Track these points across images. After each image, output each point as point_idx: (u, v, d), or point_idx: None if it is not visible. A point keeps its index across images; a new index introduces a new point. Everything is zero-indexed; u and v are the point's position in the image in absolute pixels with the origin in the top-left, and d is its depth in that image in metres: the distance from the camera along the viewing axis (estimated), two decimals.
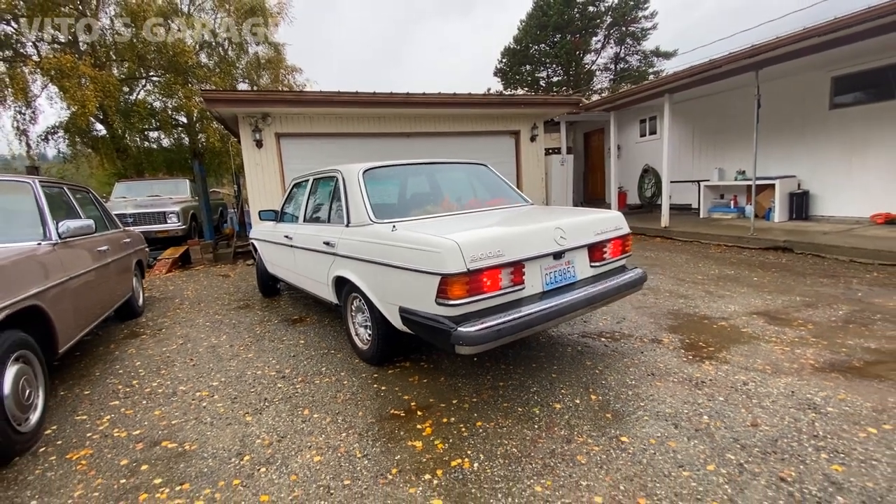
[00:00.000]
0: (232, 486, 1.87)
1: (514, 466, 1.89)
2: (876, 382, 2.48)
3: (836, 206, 7.67)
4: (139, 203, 9.21)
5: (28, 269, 2.49)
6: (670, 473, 1.79)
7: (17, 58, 14.46)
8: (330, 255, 3.24)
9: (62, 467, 2.08)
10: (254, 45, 17.78)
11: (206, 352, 3.58)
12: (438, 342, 2.29)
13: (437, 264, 2.20)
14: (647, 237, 8.42)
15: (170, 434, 2.32)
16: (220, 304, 5.19)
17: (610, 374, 2.73)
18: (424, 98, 8.11)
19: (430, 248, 2.28)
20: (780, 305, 3.94)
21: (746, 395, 2.38)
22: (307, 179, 4.06)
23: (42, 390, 2.44)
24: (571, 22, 30.06)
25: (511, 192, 3.80)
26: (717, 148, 9.70)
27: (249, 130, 7.70)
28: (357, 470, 1.93)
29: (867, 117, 7.10)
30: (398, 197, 3.58)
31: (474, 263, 2.19)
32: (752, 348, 3.04)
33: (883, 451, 1.87)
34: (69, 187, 3.78)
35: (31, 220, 2.93)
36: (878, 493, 1.63)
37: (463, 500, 1.71)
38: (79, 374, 3.23)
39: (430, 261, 2.25)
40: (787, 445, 1.93)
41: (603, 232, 2.89)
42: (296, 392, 2.74)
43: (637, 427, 2.14)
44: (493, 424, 2.23)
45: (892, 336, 3.12)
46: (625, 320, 3.77)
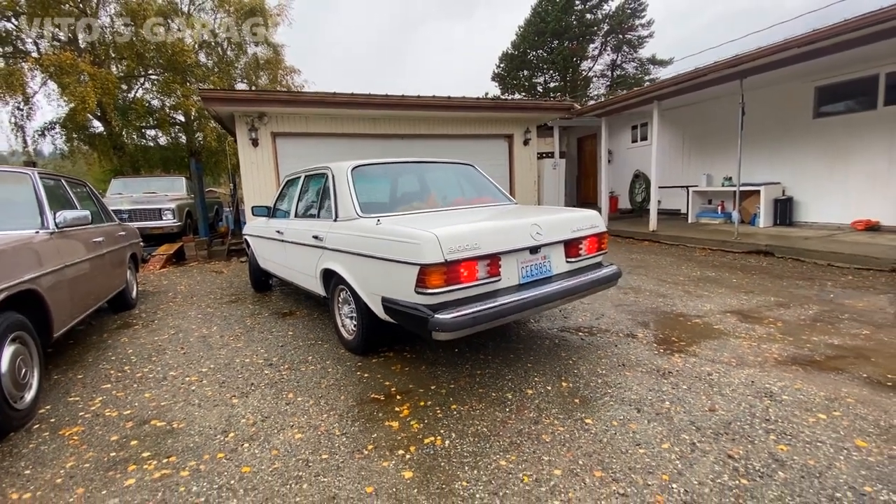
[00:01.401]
0: (216, 459, 1.98)
1: (483, 444, 2.01)
2: (833, 374, 2.62)
3: (819, 213, 7.85)
4: (135, 199, 9.29)
5: (26, 255, 2.60)
6: (627, 451, 1.92)
7: (17, 54, 14.55)
8: (318, 249, 3.36)
9: (55, 442, 2.18)
10: (253, 46, 17.94)
11: (196, 341, 3.68)
12: (417, 329, 2.41)
13: (416, 255, 2.33)
14: (635, 241, 8.58)
15: (159, 414, 2.43)
16: (212, 298, 5.29)
17: (583, 364, 2.86)
18: (419, 101, 8.26)
19: (410, 240, 2.41)
20: (754, 305, 4.08)
21: (709, 385, 2.52)
22: (299, 176, 4.18)
23: (37, 371, 2.54)
24: (569, 28, 30.36)
25: (496, 191, 3.94)
26: (706, 154, 9.90)
27: (246, 129, 7.82)
28: (335, 446, 2.05)
29: (849, 126, 7.29)
30: (386, 194, 3.70)
31: (452, 255, 2.32)
32: (721, 343, 3.17)
33: (829, 435, 2.00)
34: (67, 180, 3.89)
35: (29, 210, 3.04)
36: (817, 470, 1.76)
37: (432, 472, 1.83)
38: (73, 360, 3.33)
39: (410, 252, 2.37)
40: (740, 428, 2.07)
41: (579, 229, 3.02)
42: (281, 378, 2.85)
43: (602, 411, 2.26)
44: (468, 407, 2.35)
45: (856, 334, 3.27)
46: (603, 317, 3.90)
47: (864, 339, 3.15)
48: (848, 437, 1.97)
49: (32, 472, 1.95)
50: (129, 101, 16.13)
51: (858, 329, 3.36)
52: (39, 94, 15.29)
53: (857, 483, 1.67)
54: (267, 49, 18.12)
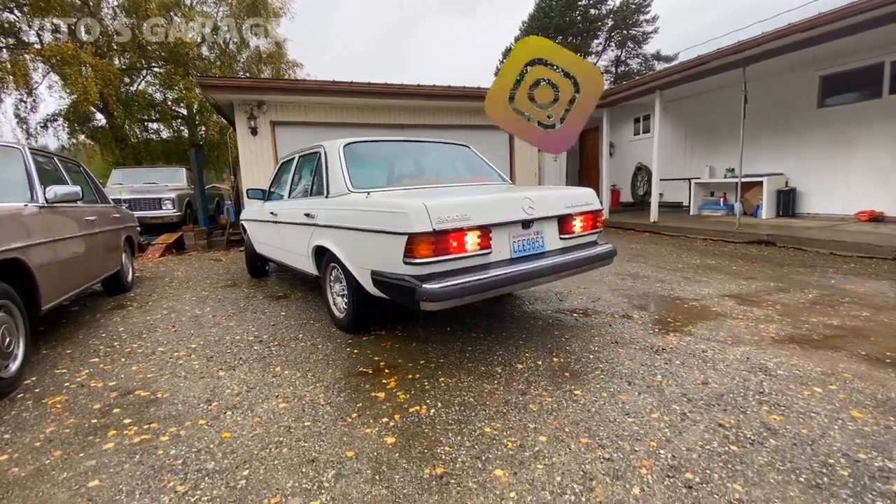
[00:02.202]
0: (197, 426, 1.95)
1: (469, 412, 1.97)
2: (831, 352, 2.56)
3: (823, 204, 7.75)
4: (135, 189, 9.27)
5: (12, 225, 2.57)
6: (615, 420, 1.87)
7: (20, 45, 14.57)
8: (310, 227, 3.32)
9: (38, 409, 2.16)
10: (255, 40, 17.89)
11: (188, 321, 3.66)
12: (406, 300, 2.37)
13: (404, 224, 2.29)
14: (636, 232, 8.51)
15: (144, 385, 2.40)
16: (208, 283, 5.27)
17: (575, 341, 2.82)
18: (419, 90, 8.21)
19: (399, 210, 2.37)
20: (753, 290, 4.02)
21: (703, 360, 2.47)
22: (293, 157, 4.14)
23: (23, 341, 2.52)
24: (573, 24, 30.18)
25: (491, 171, 3.89)
26: (709, 146, 9.80)
27: (245, 118, 7.79)
28: (318, 415, 2.01)
29: (853, 116, 7.19)
30: (379, 171, 3.66)
31: (440, 225, 2.28)
32: (717, 324, 3.12)
33: (824, 406, 1.95)
34: (60, 159, 3.86)
35: (19, 184, 3.01)
36: (810, 439, 1.71)
37: (415, 438, 1.79)
38: (63, 337, 3.31)
39: (399, 221, 2.33)
40: (732, 399, 2.02)
41: (573, 206, 2.97)
42: (270, 353, 2.82)
43: (592, 383, 2.22)
44: (455, 380, 2.31)
45: (856, 315, 3.21)
46: (600, 300, 3.85)
47: (864, 321, 3.09)
48: (843, 409, 1.91)
49: (11, 436, 1.92)
50: (132, 94, 16.13)
51: (858, 311, 3.29)
52: (42, 85, 15.33)
53: (851, 450, 1.62)
54: (269, 43, 18.07)
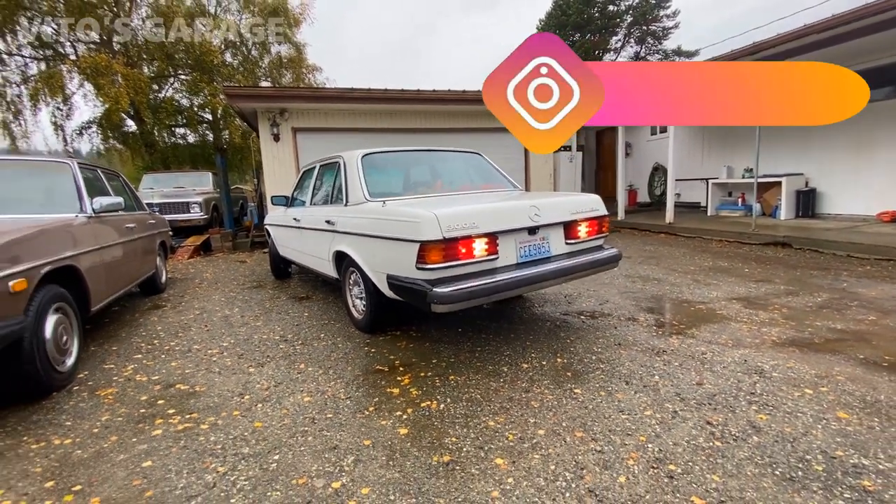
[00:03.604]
0: (232, 416, 2.18)
1: (475, 407, 2.15)
2: (829, 356, 2.65)
3: (844, 204, 7.64)
4: (165, 193, 9.74)
5: (66, 235, 2.87)
6: (610, 416, 2.03)
7: (57, 57, 15.34)
8: (331, 233, 3.55)
9: (92, 400, 2.43)
10: (276, 45, 18.37)
11: (219, 321, 3.93)
12: (418, 302, 2.55)
13: (416, 233, 2.48)
14: (651, 233, 8.52)
15: (183, 379, 2.66)
16: (235, 284, 5.57)
17: (580, 343, 2.96)
18: (434, 95, 8.39)
19: (411, 219, 2.57)
20: (762, 293, 4.08)
21: (701, 362, 2.59)
22: (314, 166, 4.38)
23: (76, 339, 2.81)
24: (591, 21, 29.91)
25: (502, 178, 4.04)
26: (726, 146, 9.72)
27: (268, 125, 8.12)
28: (339, 408, 2.22)
29: (875, 115, 7.05)
30: (395, 180, 3.85)
31: (450, 233, 2.46)
32: (721, 326, 3.22)
33: (811, 407, 2.06)
34: (103, 171, 4.19)
35: (70, 196, 3.32)
36: (792, 437, 1.83)
37: (425, 429, 1.98)
38: (108, 335, 3.62)
39: (412, 230, 2.52)
40: (723, 399, 2.15)
41: (579, 212, 3.11)
42: (295, 352, 3.06)
43: (592, 383, 2.37)
44: (464, 378, 2.50)
45: (861, 319, 3.26)
46: (608, 302, 3.97)
47: (869, 325, 3.14)
48: (830, 410, 2.02)
49: (73, 423, 2.19)
50: (160, 101, 16.79)
51: (864, 315, 3.34)
52: (77, 94, 16.09)
53: (829, 448, 1.74)
54: (290, 48, 18.53)
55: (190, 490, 1.64)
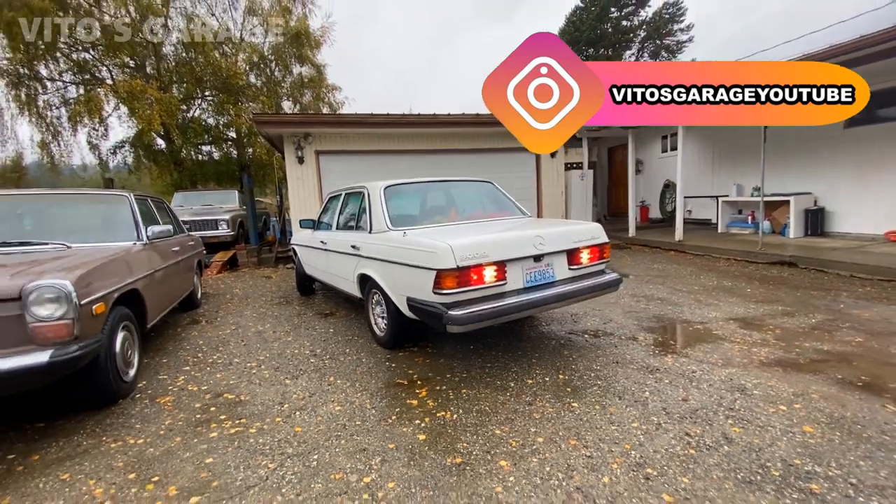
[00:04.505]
0: (275, 422, 2.54)
1: (484, 418, 2.47)
2: (810, 375, 2.89)
3: (852, 223, 7.76)
4: (195, 211, 10.33)
5: (129, 262, 3.30)
6: (601, 427, 2.32)
7: (94, 81, 16.35)
8: (356, 257, 3.92)
9: (154, 407, 2.83)
10: (297, 66, 19.20)
11: (253, 335, 4.33)
12: (435, 323, 2.89)
13: (433, 262, 2.82)
14: (661, 250, 8.73)
15: (229, 389, 3.04)
16: (264, 300, 6.00)
17: (581, 361, 3.26)
18: (449, 118, 8.82)
19: (429, 249, 2.92)
20: (759, 313, 4.31)
21: (689, 380, 2.86)
22: (340, 193, 4.79)
23: (137, 353, 3.23)
24: (604, 36, 30.25)
25: (511, 205, 4.37)
26: (736, 164, 9.90)
27: (293, 148, 8.63)
28: (366, 416, 2.57)
29: (881, 136, 7.23)
30: (413, 209, 4.23)
31: (463, 262, 2.79)
32: (714, 346, 3.48)
33: (782, 421, 2.33)
34: (152, 200, 4.67)
35: (128, 225, 3.78)
36: (758, 447, 2.11)
37: (440, 436, 2.31)
38: (157, 349, 4.04)
39: (429, 259, 2.87)
40: (704, 414, 2.42)
41: (580, 240, 3.41)
42: (324, 365, 3.42)
43: (589, 397, 2.67)
44: (475, 392, 2.82)
45: (849, 341, 3.48)
46: (611, 321, 4.25)
47: (854, 346, 3.36)
48: (798, 424, 2.29)
49: (141, 426, 2.58)
50: (188, 121, 17.67)
51: (852, 337, 3.56)
52: (112, 116, 17.06)
53: (789, 457, 2.01)
54: (310, 69, 19.33)
55: (248, 482, 2.00)
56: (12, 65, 14.65)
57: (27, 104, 15.47)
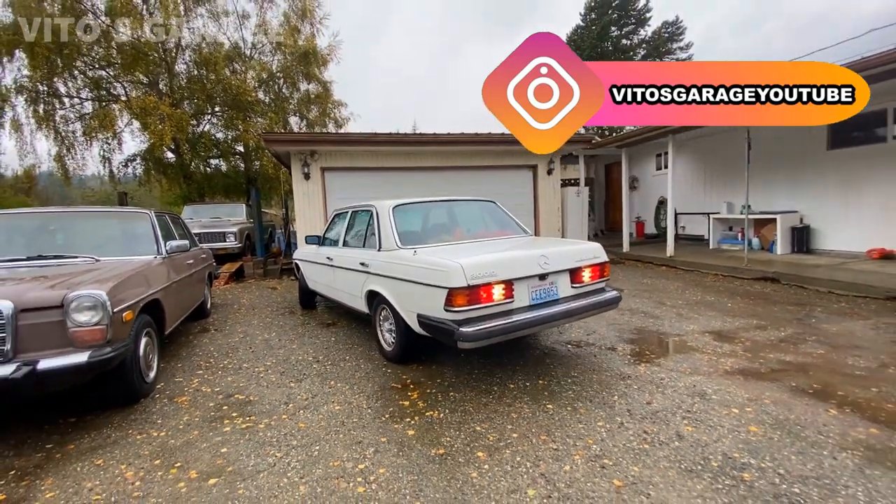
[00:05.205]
0: (281, 419, 2.85)
1: (467, 417, 2.77)
2: (767, 383, 3.18)
3: (837, 241, 8.05)
4: (204, 224, 10.73)
5: (151, 274, 3.65)
6: (570, 425, 2.62)
7: (109, 97, 16.97)
8: (364, 274, 4.01)
9: (172, 405, 3.14)
10: (305, 84, 19.82)
11: (260, 343, 4.65)
12: (446, 339, 2.98)
13: (445, 280, 2.94)
14: (653, 265, 9.03)
15: (239, 391, 3.36)
16: (270, 310, 6.33)
17: (561, 369, 3.56)
18: (449, 137, 9.23)
19: (440, 269, 3.03)
20: (734, 327, 4.59)
21: (656, 386, 3.15)
22: (347, 211, 4.99)
23: (156, 357, 3.55)
24: (605, 55, 30.88)
25: (513, 224, 4.56)
26: (726, 183, 10.22)
27: (300, 165, 9.04)
28: (363, 415, 2.87)
29: (861, 158, 7.56)
30: (420, 227, 4.33)
31: (474, 280, 2.90)
32: (686, 357, 3.77)
33: (731, 422, 2.61)
34: (169, 216, 5.05)
35: (149, 240, 4.13)
36: (705, 443, 2.39)
37: (428, 431, 2.61)
38: (172, 354, 4.36)
39: (441, 278, 2.98)
40: (663, 415, 2.71)
41: (582, 260, 3.54)
42: (326, 371, 3.73)
43: (563, 400, 2.96)
44: (462, 394, 3.12)
45: (810, 353, 3.76)
46: (594, 333, 4.54)
47: (815, 358, 3.65)
48: (745, 425, 2.57)
49: (162, 421, 2.90)
50: (198, 135, 18.24)
51: (815, 349, 3.84)
52: (125, 131, 17.66)
53: (730, 451, 2.30)
54: (317, 86, 19.94)
55: (258, 467, 2.31)
56: (32, 82, 15.27)
57: (45, 119, 16.06)
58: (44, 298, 2.63)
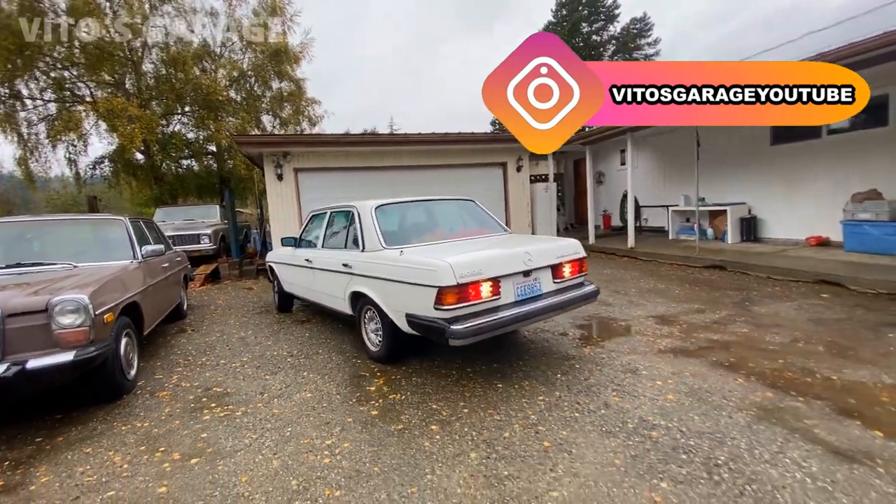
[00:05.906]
0: (257, 407, 3.13)
1: (426, 397, 3.11)
2: (692, 359, 3.61)
3: (781, 230, 8.69)
4: (177, 226, 10.73)
5: (129, 278, 3.85)
6: (514, 400, 2.98)
7: (73, 98, 16.58)
8: (347, 275, 3.98)
9: (154, 400, 3.38)
10: (277, 82, 19.71)
11: (237, 341, 4.89)
12: (436, 337, 3.03)
13: (435, 279, 2.96)
14: (616, 257, 9.53)
15: (217, 384, 3.61)
16: (245, 310, 6.53)
17: (514, 353, 3.93)
18: (420, 137, 9.51)
19: (429, 268, 3.05)
20: (676, 311, 5.05)
21: (595, 364, 3.55)
22: (325, 212, 4.86)
23: (136, 355, 3.77)
24: (576, 51, 31.39)
25: (493, 222, 4.68)
26: (683, 177, 10.80)
27: (272, 166, 9.18)
28: (332, 401, 3.18)
29: (799, 154, 8.18)
30: (404, 227, 4.30)
31: (463, 279, 2.95)
32: (627, 339, 4.19)
33: (652, 392, 3.02)
34: (143, 221, 5.21)
35: (125, 246, 4.31)
36: (626, 409, 2.79)
37: (389, 411, 2.94)
38: (151, 354, 4.56)
39: (430, 277, 3.01)
40: (596, 389, 3.11)
41: (563, 256, 3.67)
42: (299, 364, 4.01)
43: (512, 380, 3.33)
44: (423, 379, 3.45)
45: (735, 332, 4.23)
46: (551, 321, 4.93)
47: (738, 336, 4.11)
48: (664, 394, 2.98)
49: (145, 414, 3.14)
50: (168, 135, 17.98)
51: (740, 328, 4.31)
52: (92, 132, 17.28)
53: (645, 415, 2.70)
54: (290, 84, 19.85)
55: (236, 447, 2.59)
56: None
57: (6, 121, 15.63)
58: (28, 304, 2.84)
